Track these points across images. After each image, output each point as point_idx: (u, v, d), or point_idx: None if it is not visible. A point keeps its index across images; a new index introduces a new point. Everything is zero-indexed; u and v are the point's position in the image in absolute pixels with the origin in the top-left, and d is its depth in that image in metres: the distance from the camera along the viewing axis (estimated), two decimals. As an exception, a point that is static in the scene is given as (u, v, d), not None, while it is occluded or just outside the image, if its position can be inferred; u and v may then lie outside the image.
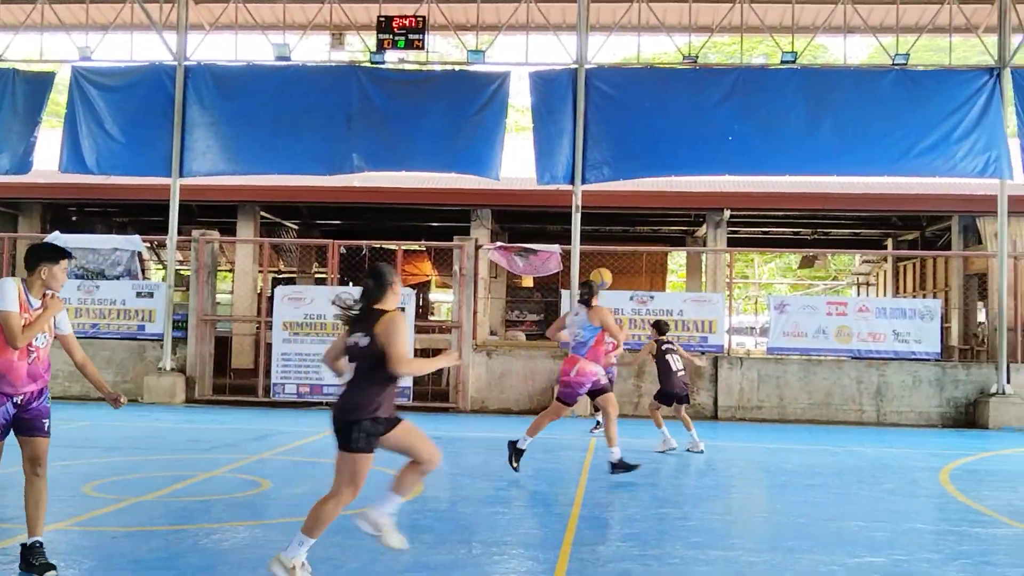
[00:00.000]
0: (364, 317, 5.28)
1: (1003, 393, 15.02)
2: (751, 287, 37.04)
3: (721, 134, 15.37)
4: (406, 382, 14.91)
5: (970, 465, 10.70)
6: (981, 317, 20.15)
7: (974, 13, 16.19)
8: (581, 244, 15.77)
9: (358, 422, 5.07)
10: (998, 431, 14.49)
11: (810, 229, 24.54)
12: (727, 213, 19.73)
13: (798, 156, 15.40)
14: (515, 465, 9.01)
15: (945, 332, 18.40)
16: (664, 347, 11.38)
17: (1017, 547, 6.58)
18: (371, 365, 5.14)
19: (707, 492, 8.81)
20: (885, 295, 25.35)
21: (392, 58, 16.35)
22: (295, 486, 8.34)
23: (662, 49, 30.42)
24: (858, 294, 28.97)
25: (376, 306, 5.29)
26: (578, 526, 6.83)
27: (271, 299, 16.03)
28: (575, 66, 15.66)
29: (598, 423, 12.47)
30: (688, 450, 10.96)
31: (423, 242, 21.01)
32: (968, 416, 15.16)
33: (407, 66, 16.46)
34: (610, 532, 6.68)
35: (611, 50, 35.83)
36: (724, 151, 15.39)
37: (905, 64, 15.42)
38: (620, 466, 8.91)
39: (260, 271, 19.22)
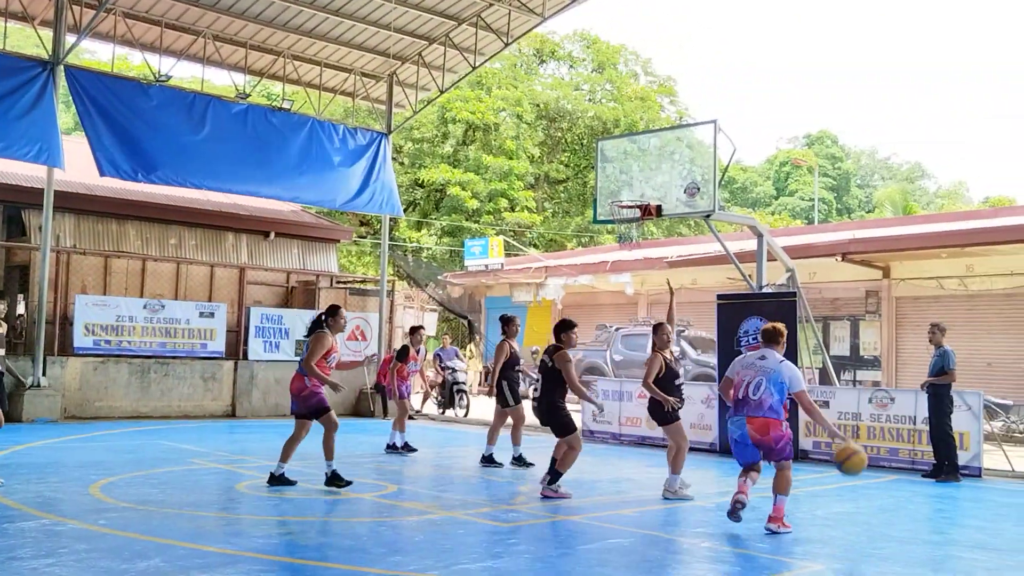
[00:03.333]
0: None
1: (39, 386, 15.24)
2: None
3: None
4: None
5: (2, 459, 10.56)
6: (21, 309, 20.02)
7: (31, 3, 16.08)
8: None
9: None
10: (31, 423, 14.66)
11: None
12: None
13: None
14: None
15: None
16: None
17: (44, 537, 6.68)
18: None
19: None
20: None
21: None
22: None
23: None
24: None
25: None
26: None
27: None
28: None
29: None
30: None
31: None
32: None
33: None
34: None
35: None
36: None
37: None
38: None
39: None
